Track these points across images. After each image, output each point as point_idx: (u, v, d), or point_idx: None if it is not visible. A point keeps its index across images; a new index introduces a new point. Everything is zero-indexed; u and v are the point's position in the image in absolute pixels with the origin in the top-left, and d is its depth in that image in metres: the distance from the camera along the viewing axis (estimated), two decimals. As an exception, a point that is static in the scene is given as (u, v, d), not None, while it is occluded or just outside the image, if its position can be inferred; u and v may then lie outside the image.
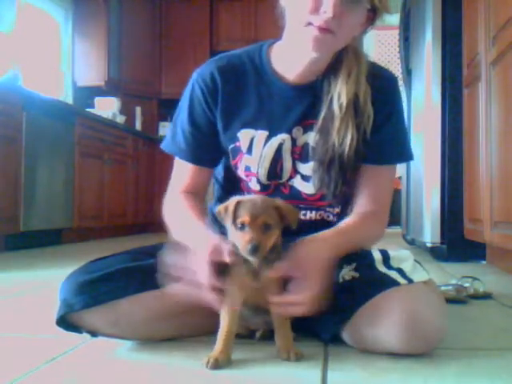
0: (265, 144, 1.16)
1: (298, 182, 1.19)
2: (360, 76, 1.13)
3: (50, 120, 3.81)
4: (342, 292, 1.01)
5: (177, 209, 1.18)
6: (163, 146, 1.26)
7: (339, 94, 1.11)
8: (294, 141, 1.17)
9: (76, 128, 4.16)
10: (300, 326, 1.09)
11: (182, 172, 1.24)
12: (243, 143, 1.17)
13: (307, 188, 1.19)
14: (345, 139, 1.10)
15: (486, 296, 1.70)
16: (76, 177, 4.16)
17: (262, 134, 1.16)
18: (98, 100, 5.29)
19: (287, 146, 1.17)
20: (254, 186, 1.20)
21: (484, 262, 2.78)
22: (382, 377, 0.91)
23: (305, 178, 1.18)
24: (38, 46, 4.81)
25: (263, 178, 1.18)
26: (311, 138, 1.16)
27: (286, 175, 1.19)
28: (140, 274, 1.07)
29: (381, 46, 8.19)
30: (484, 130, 2.48)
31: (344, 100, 1.10)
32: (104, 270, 1.07)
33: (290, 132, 1.17)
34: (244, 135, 1.17)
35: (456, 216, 2.89)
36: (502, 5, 2.21)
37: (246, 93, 1.18)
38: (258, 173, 1.18)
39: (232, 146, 1.19)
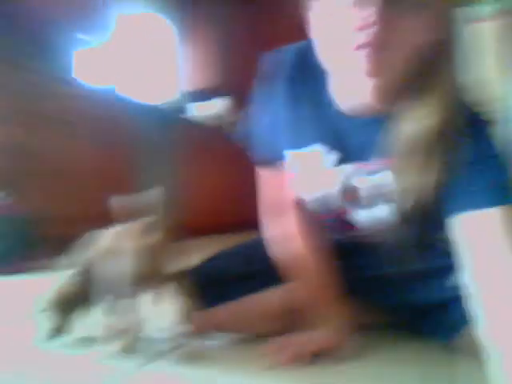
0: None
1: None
2: (446, 104, 0.83)
3: (153, 125, 3.98)
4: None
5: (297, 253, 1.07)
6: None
7: (413, 128, 0.85)
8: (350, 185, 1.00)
9: (178, 132, 4.27)
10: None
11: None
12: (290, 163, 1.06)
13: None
14: (425, 182, 0.86)
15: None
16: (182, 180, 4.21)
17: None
18: (200, 104, 5.35)
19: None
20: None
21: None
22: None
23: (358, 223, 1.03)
24: (149, 54, 4.96)
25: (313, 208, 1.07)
26: (370, 180, 0.96)
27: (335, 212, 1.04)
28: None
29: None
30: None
31: (421, 135, 0.84)
32: None
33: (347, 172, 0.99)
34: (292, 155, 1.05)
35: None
36: None
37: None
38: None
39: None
